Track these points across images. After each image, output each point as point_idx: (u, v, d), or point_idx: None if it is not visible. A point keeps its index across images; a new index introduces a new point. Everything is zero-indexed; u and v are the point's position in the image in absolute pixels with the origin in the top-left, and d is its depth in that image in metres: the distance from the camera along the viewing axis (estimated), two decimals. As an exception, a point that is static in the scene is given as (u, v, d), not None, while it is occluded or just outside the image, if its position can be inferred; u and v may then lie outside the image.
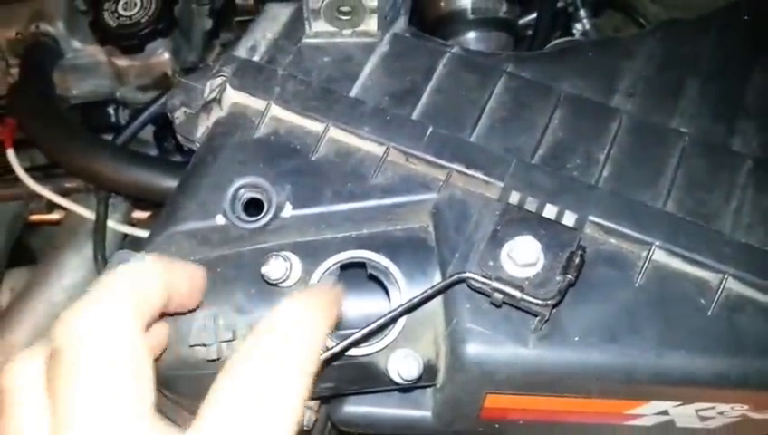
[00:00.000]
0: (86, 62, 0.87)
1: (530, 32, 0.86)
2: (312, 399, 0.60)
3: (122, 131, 0.81)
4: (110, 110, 0.87)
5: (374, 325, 0.46)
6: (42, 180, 0.86)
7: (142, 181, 0.76)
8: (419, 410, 0.60)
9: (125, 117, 0.88)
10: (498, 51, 0.75)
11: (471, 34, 0.78)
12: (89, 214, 0.83)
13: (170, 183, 0.75)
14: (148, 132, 0.88)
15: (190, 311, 0.48)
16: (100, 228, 0.79)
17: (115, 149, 0.76)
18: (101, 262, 0.79)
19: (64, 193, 0.86)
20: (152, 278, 0.41)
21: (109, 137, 0.82)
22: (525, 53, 0.72)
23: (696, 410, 0.55)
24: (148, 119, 0.80)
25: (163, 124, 0.86)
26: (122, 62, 0.84)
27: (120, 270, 0.40)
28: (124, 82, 0.87)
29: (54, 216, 0.93)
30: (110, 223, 0.82)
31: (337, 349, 0.45)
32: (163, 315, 0.44)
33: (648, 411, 0.55)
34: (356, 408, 0.60)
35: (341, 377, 0.54)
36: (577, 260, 0.48)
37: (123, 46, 0.82)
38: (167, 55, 0.84)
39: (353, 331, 0.46)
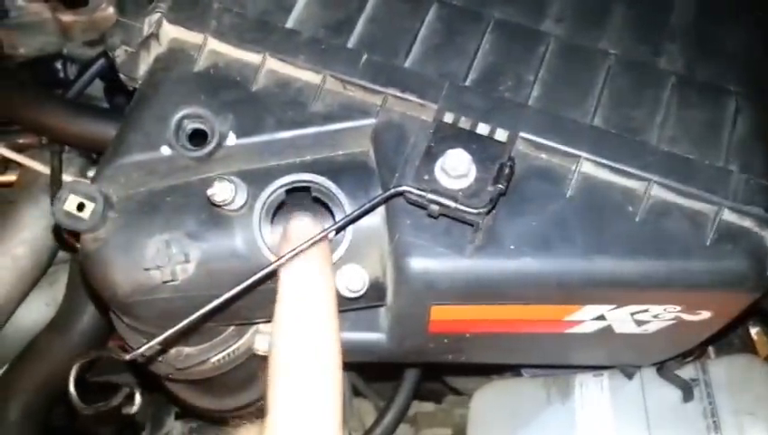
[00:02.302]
0: (31, 19, 0.87)
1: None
2: (267, 322, 0.63)
3: (71, 86, 0.82)
4: (58, 65, 0.88)
5: (315, 238, 0.49)
6: (-6, 138, 0.87)
7: (94, 132, 0.77)
8: (374, 333, 0.63)
9: (73, 72, 0.89)
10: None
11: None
12: (44, 168, 0.84)
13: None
14: (98, 89, 0.89)
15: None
16: (56, 180, 0.81)
17: (66, 102, 0.78)
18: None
19: (18, 149, 0.87)
20: None
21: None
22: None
23: (631, 314, 0.59)
24: (97, 72, 0.82)
25: (112, 79, 0.87)
26: (67, 17, 0.85)
27: None
28: (71, 38, 0.88)
29: (9, 177, 0.94)
30: (66, 177, 0.83)
31: (276, 264, 0.48)
32: None
33: (585, 317, 0.59)
34: (313, 334, 0.63)
35: (293, 298, 0.57)
36: (507, 171, 0.52)
37: (67, 1, 0.83)
38: (111, 9, 0.85)
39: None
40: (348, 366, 0.93)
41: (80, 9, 0.84)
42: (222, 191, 0.51)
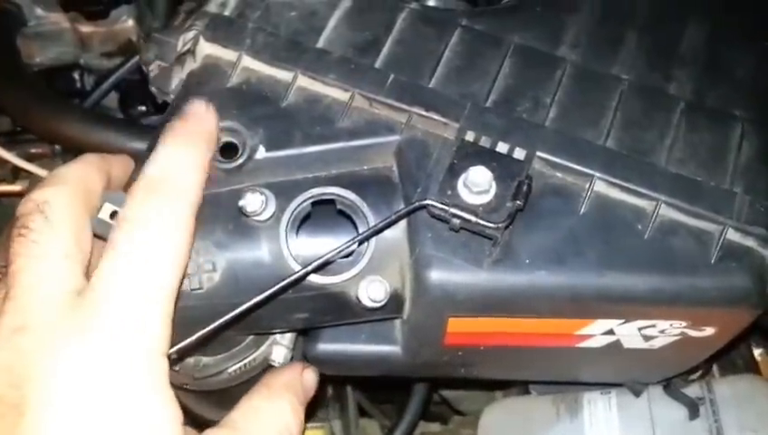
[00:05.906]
0: (49, 29, 0.93)
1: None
2: (289, 331, 0.69)
3: (89, 96, 0.88)
4: (75, 75, 0.94)
5: (340, 248, 0.55)
6: (6, 146, 0.92)
7: (110, 143, 0.83)
8: (389, 345, 0.68)
9: (90, 83, 0.95)
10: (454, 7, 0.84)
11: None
12: (55, 179, 0.89)
13: (138, 145, 0.82)
14: (113, 100, 0.95)
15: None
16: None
17: (84, 111, 0.83)
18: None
19: (29, 159, 0.92)
20: (92, 167, 0.58)
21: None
22: (478, 8, 0.81)
23: (639, 329, 0.64)
24: (115, 83, 0.88)
25: (127, 91, 0.93)
26: (86, 28, 0.91)
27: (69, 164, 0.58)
28: (88, 49, 0.93)
29: (17, 187, 0.99)
30: (79, 187, 0.88)
31: (301, 273, 0.54)
32: None
33: (595, 331, 0.65)
34: (330, 345, 0.68)
35: (315, 307, 0.62)
36: (525, 188, 0.58)
37: (87, 12, 0.89)
38: (131, 22, 0.91)
39: (319, 256, 0.55)
40: (354, 384, 0.99)
41: (99, 21, 0.90)
42: (253, 202, 0.57)
